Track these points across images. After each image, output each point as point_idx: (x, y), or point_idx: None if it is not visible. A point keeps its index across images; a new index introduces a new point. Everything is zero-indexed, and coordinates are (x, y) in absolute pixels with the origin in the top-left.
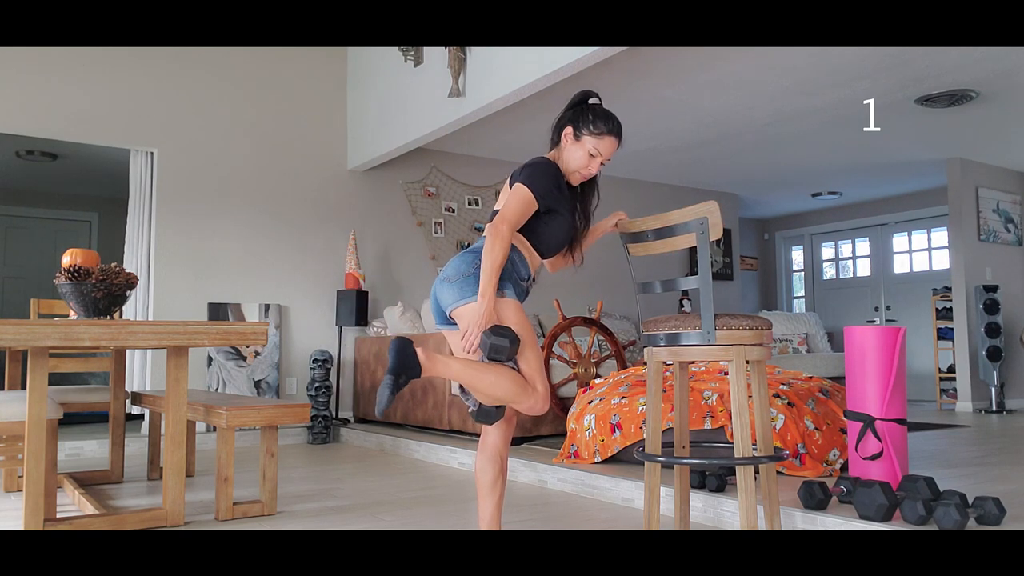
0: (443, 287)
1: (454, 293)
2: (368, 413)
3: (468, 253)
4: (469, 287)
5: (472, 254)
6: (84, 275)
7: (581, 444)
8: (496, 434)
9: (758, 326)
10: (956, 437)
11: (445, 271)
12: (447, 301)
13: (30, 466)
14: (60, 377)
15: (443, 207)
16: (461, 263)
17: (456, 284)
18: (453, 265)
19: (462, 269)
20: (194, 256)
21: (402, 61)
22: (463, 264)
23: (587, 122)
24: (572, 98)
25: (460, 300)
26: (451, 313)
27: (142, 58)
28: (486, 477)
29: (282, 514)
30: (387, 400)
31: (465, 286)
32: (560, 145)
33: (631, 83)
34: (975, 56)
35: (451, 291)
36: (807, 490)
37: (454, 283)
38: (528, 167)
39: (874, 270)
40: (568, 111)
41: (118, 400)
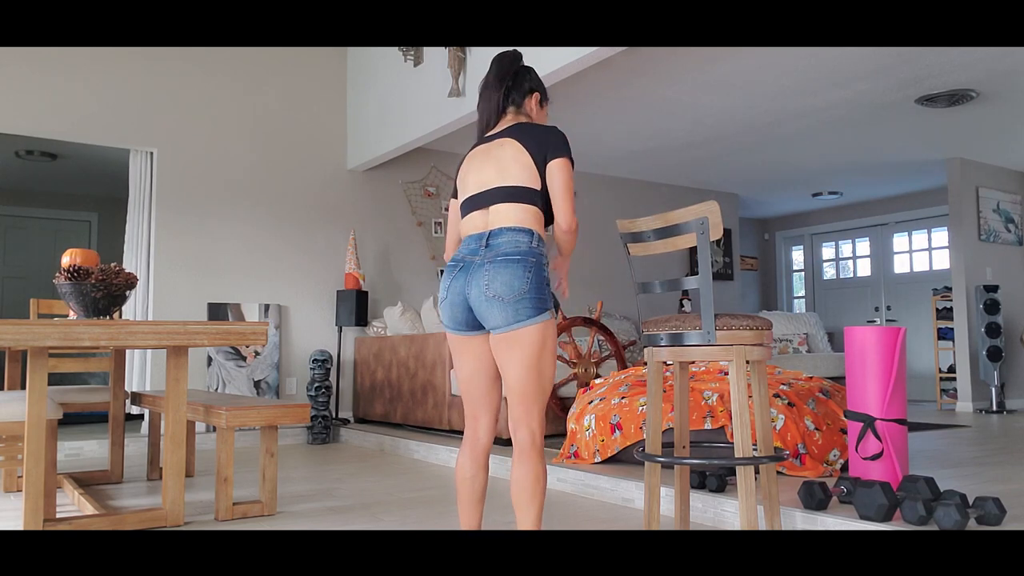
0: (492, 305)
1: (508, 314)
2: (368, 413)
3: (516, 264)
4: (527, 307)
5: (522, 265)
6: (84, 275)
7: (581, 444)
8: (489, 434)
9: (758, 326)
10: (956, 437)
11: (491, 286)
12: (499, 321)
13: (30, 466)
14: (60, 377)
15: (443, 207)
16: (512, 279)
17: (511, 305)
18: (503, 281)
19: (516, 286)
20: (194, 256)
21: (402, 61)
22: (515, 280)
23: (544, 90)
24: (508, 58)
25: (521, 322)
26: (504, 334)
27: (142, 58)
28: (478, 484)
29: (282, 514)
30: None
31: (521, 307)
32: (527, 110)
33: (631, 83)
34: (975, 56)
35: (504, 311)
36: (807, 490)
37: (508, 303)
38: (563, 136)
39: (874, 270)
40: (527, 74)
41: (118, 400)
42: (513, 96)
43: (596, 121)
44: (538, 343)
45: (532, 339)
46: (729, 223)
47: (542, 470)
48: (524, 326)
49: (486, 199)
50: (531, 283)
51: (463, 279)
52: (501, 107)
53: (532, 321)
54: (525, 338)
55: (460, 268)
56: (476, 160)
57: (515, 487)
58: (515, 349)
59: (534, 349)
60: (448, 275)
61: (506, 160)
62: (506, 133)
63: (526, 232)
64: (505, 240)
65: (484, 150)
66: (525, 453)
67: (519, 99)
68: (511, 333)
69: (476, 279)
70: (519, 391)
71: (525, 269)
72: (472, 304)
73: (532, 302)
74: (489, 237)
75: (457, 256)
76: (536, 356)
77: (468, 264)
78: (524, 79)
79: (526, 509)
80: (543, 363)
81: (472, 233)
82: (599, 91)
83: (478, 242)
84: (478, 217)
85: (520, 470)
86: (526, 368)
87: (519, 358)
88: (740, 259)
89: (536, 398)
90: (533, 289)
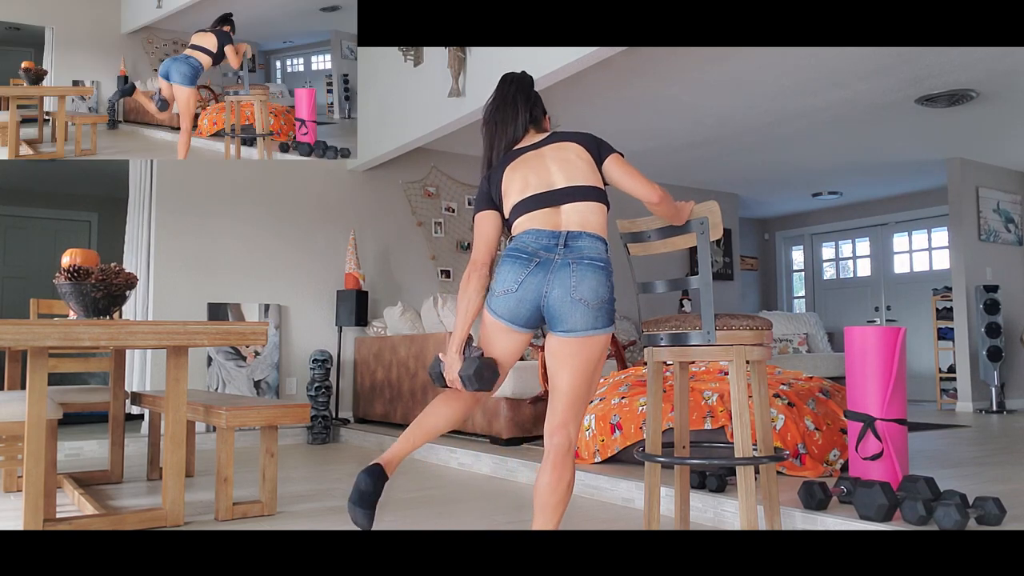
0: (576, 308)
1: (589, 319)
2: (368, 413)
3: (601, 271)
4: (604, 315)
5: (605, 273)
6: (84, 275)
7: (581, 444)
8: (462, 405)
9: (758, 326)
10: (956, 437)
11: (578, 289)
12: (578, 325)
13: (30, 466)
14: (60, 377)
15: (443, 207)
16: (599, 285)
17: (593, 311)
18: (590, 286)
19: (600, 293)
20: (194, 256)
21: (402, 61)
22: (600, 287)
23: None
24: (528, 81)
25: (599, 329)
26: (577, 338)
27: None
28: (441, 420)
29: (282, 514)
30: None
31: (601, 314)
32: (543, 128)
33: (631, 83)
34: (975, 56)
35: (586, 316)
36: (807, 490)
37: (592, 308)
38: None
39: (874, 270)
40: (539, 98)
41: (118, 400)
42: (535, 114)
43: (596, 121)
44: (601, 351)
45: (598, 347)
46: (729, 223)
47: (573, 477)
48: (599, 334)
49: (555, 198)
50: (611, 293)
51: (541, 276)
52: (526, 124)
53: (606, 330)
54: (595, 346)
55: (537, 264)
56: (523, 167)
57: (545, 490)
58: (582, 354)
59: (596, 356)
60: (519, 267)
61: (571, 160)
62: (556, 138)
63: (603, 241)
64: (587, 244)
65: (532, 156)
66: (561, 458)
67: (540, 118)
68: (585, 339)
69: (560, 279)
70: (572, 395)
71: (608, 277)
72: (550, 303)
73: (609, 312)
74: (568, 238)
75: (525, 249)
76: (596, 364)
77: (546, 262)
78: (540, 101)
79: (549, 513)
80: (598, 372)
81: (542, 228)
82: (599, 91)
83: (553, 240)
84: (547, 215)
85: (554, 475)
86: (585, 374)
87: (582, 364)
88: (740, 259)
89: (583, 405)
90: (611, 299)
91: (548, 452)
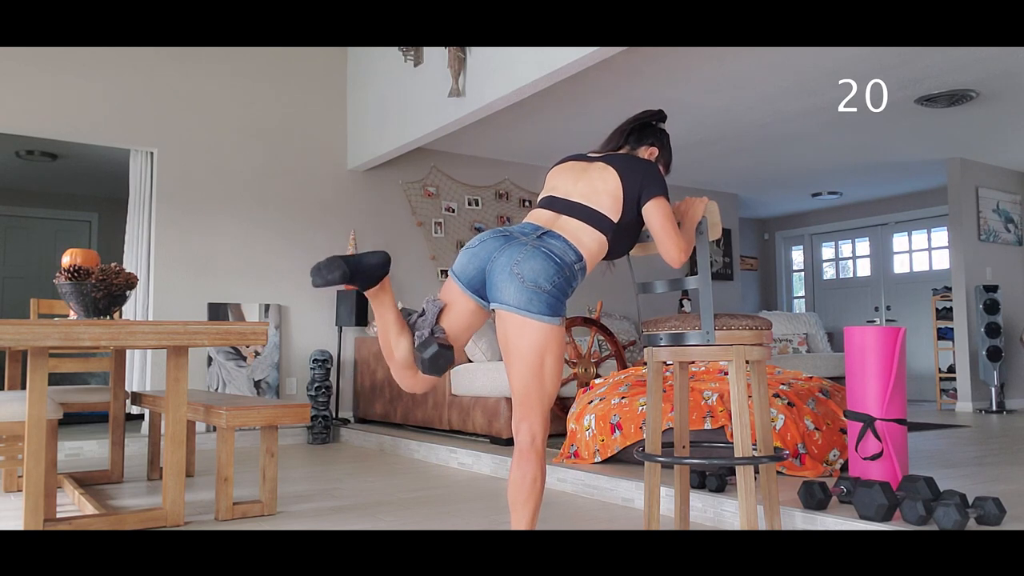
0: (511, 281)
1: (521, 298)
2: (368, 413)
3: (554, 263)
4: (541, 302)
5: (557, 267)
6: (84, 275)
7: (581, 444)
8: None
9: (758, 326)
10: (956, 437)
11: (520, 265)
12: (507, 298)
13: (30, 466)
14: (60, 377)
15: (443, 207)
16: (544, 270)
17: (527, 291)
18: (533, 267)
19: (541, 278)
20: (194, 256)
21: (402, 61)
22: (544, 272)
23: (669, 162)
24: (663, 116)
25: (531, 313)
26: (510, 315)
27: (142, 58)
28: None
29: (282, 514)
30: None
31: (536, 299)
32: (640, 153)
33: (631, 83)
34: (975, 56)
35: (518, 293)
36: (807, 490)
37: (526, 288)
38: (659, 173)
39: (874, 270)
40: (660, 130)
41: (118, 400)
42: (640, 136)
43: (596, 121)
44: (541, 344)
45: (539, 337)
46: (729, 223)
47: (539, 473)
48: (534, 319)
49: (563, 207)
50: (556, 286)
51: (499, 244)
52: (625, 137)
53: (539, 317)
54: (535, 334)
55: (504, 236)
56: (569, 172)
57: (512, 487)
58: (523, 340)
59: (540, 348)
60: (493, 236)
61: (597, 185)
62: (608, 159)
63: (579, 254)
64: (557, 244)
65: (582, 166)
66: (524, 454)
67: (635, 142)
68: (521, 319)
69: (511, 251)
70: (521, 390)
71: (559, 272)
72: (491, 269)
73: (548, 303)
74: (545, 234)
75: (507, 228)
76: (542, 357)
77: (512, 238)
78: (659, 134)
79: (520, 510)
80: (547, 368)
81: (533, 222)
82: (599, 91)
83: (533, 230)
84: (546, 214)
85: (517, 471)
86: (532, 367)
87: (526, 352)
88: (740, 259)
89: (537, 400)
90: (555, 292)
91: (514, 449)
